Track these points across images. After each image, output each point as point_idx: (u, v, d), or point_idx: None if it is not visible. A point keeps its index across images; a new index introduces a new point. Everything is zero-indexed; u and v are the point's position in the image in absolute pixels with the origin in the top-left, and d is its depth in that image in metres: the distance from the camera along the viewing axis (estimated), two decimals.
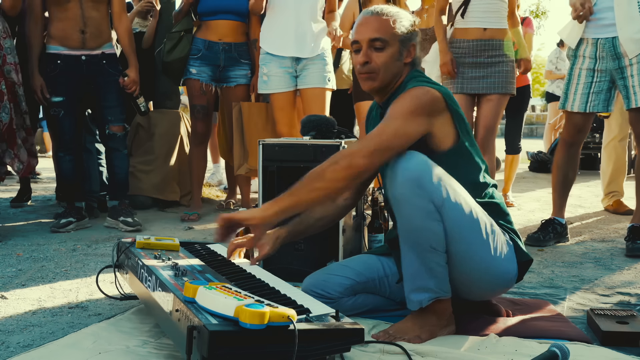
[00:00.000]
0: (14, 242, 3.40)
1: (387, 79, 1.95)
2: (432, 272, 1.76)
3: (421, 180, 1.71)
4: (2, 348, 1.81)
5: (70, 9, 3.65)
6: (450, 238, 1.76)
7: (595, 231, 3.73)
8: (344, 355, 1.49)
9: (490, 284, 1.88)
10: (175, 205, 4.69)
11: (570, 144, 3.29)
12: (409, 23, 1.96)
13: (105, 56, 3.79)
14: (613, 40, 3.04)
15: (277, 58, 3.57)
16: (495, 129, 3.50)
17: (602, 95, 3.14)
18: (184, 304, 1.38)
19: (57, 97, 3.71)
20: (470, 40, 3.48)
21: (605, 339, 1.79)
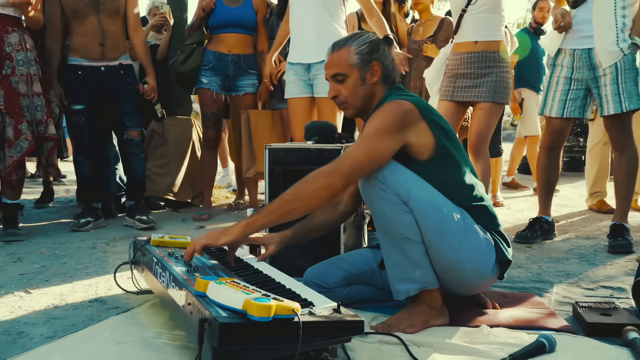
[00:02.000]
0: (38, 240, 3.40)
1: (358, 104, 1.99)
2: (413, 262, 1.77)
3: (385, 177, 1.75)
4: (27, 339, 1.81)
5: (90, 23, 3.66)
6: (422, 228, 1.76)
7: (580, 229, 3.72)
8: (345, 345, 1.49)
9: (467, 274, 1.83)
10: (188, 206, 4.69)
11: (550, 148, 3.29)
12: (365, 47, 1.96)
13: (122, 67, 3.80)
14: (589, 52, 3.05)
15: (292, 66, 3.57)
16: (487, 136, 3.48)
17: (578, 102, 3.15)
18: (196, 298, 1.38)
19: (77, 105, 3.71)
20: (463, 53, 3.47)
21: (589, 330, 1.79)
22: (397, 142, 1.81)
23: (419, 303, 1.82)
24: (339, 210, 2.15)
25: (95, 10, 3.66)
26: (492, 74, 3.39)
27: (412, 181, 1.77)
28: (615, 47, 2.96)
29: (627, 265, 2.73)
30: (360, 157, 1.77)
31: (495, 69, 3.40)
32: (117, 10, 3.73)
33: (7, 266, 2.78)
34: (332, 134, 2.71)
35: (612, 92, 2.98)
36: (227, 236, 1.74)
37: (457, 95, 3.46)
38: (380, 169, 1.76)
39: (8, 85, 3.29)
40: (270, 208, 1.76)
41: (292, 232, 2.04)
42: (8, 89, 3.29)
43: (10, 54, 3.31)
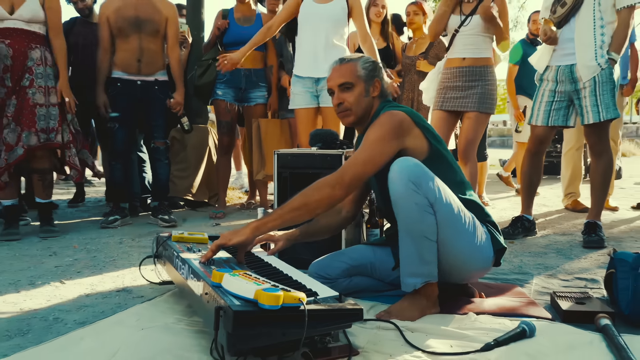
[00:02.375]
0: (71, 236, 3.41)
1: (360, 113, 1.99)
2: (424, 259, 1.76)
3: (419, 180, 1.72)
4: (61, 325, 1.82)
5: (131, 41, 3.69)
6: (440, 229, 1.76)
7: (557, 226, 3.71)
8: (346, 331, 1.49)
9: (472, 266, 1.88)
10: (205, 205, 4.70)
11: (534, 153, 3.29)
12: (369, 64, 2.00)
13: (157, 82, 3.81)
14: (571, 67, 3.06)
15: (300, 79, 3.58)
16: (475, 142, 3.49)
17: (562, 112, 3.15)
18: (212, 288, 1.38)
19: (114, 112, 3.73)
20: (453, 68, 3.50)
21: (565, 317, 1.79)
22: (394, 148, 1.83)
23: (419, 295, 1.80)
24: (341, 216, 2.16)
25: (137, 30, 3.69)
26: (478, 86, 3.41)
27: (440, 186, 1.76)
28: (594, 62, 2.96)
29: (599, 259, 2.73)
30: (360, 169, 1.79)
31: (482, 82, 3.42)
32: (157, 31, 3.76)
33: (44, 259, 2.78)
34: (335, 140, 2.71)
35: (591, 103, 2.98)
36: (239, 236, 1.74)
37: (446, 105, 3.49)
38: (413, 172, 1.72)
39: (24, 96, 3.27)
40: (278, 213, 1.76)
41: (299, 231, 2.05)
42: (23, 99, 3.26)
43: (31, 68, 3.29)
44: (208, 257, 1.72)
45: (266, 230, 1.79)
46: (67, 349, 1.55)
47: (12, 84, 3.22)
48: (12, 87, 3.23)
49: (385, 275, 2.07)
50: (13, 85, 3.23)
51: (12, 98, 3.24)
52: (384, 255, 2.06)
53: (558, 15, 3.06)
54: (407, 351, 1.52)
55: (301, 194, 1.77)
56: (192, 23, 5.10)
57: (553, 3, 3.11)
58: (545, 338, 1.59)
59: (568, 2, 3.01)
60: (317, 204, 1.76)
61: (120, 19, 3.68)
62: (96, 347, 1.55)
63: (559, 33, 3.10)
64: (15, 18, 3.23)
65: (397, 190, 1.73)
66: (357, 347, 1.52)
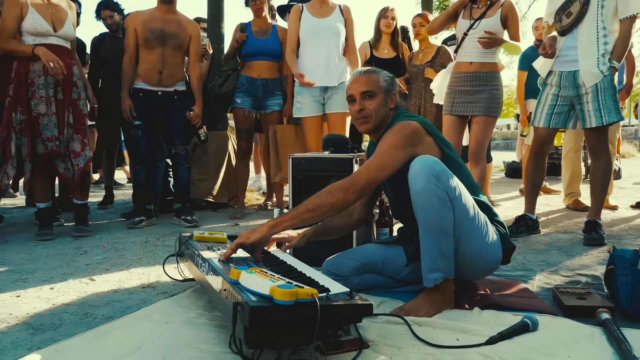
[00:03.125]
0: (100, 236, 3.44)
1: (378, 121, 1.98)
2: (444, 255, 1.73)
3: (440, 175, 1.70)
4: (91, 319, 1.83)
5: (154, 54, 3.73)
6: (458, 225, 1.74)
7: (558, 224, 3.67)
8: (357, 325, 1.48)
9: (483, 264, 1.87)
10: (224, 207, 4.71)
11: (536, 154, 3.25)
12: (389, 78, 2.01)
13: (177, 93, 3.83)
14: (574, 73, 3.01)
15: (307, 89, 3.59)
16: (484, 144, 3.47)
17: (563, 116, 3.11)
18: (230, 285, 1.38)
19: (137, 120, 3.76)
20: (461, 73, 3.49)
21: (567, 311, 1.76)
22: (406, 156, 1.82)
23: (436, 291, 1.77)
24: (353, 219, 2.16)
25: (162, 43, 3.72)
26: (484, 91, 3.40)
27: (458, 182, 1.75)
28: (596, 69, 2.92)
29: (600, 255, 2.69)
30: (373, 175, 1.78)
31: (488, 87, 3.40)
32: (180, 46, 3.79)
33: (75, 257, 2.81)
34: (346, 145, 2.71)
35: (594, 108, 2.94)
36: (256, 234, 1.74)
37: (455, 109, 3.49)
38: (434, 168, 1.70)
39: (76, 107, 3.35)
40: (294, 213, 1.76)
41: (312, 231, 2.05)
42: (76, 111, 3.34)
43: (76, 82, 3.36)
44: (227, 256, 1.73)
45: (282, 229, 1.78)
46: (96, 342, 1.55)
47: (65, 98, 3.28)
48: (66, 100, 3.28)
49: (395, 272, 2.05)
50: (66, 98, 3.28)
51: (69, 110, 3.30)
52: (394, 253, 2.05)
53: (564, 24, 3.03)
54: (415, 344, 1.50)
55: (316, 196, 1.77)
56: (213, 36, 5.13)
57: (557, 11, 3.06)
58: (547, 332, 1.57)
59: (573, 12, 2.97)
60: (330, 206, 1.75)
61: (147, 31, 3.71)
62: (123, 339, 1.56)
63: (561, 41, 3.06)
64: (59, 35, 3.28)
65: (419, 185, 1.70)
66: (368, 341, 1.51)
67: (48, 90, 3.20)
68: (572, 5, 2.98)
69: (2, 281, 2.33)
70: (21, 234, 3.53)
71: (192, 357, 1.44)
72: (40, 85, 3.17)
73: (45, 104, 3.19)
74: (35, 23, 3.18)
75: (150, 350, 1.48)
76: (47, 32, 3.23)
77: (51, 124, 3.21)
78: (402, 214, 2.09)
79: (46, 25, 3.21)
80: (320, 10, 3.66)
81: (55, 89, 3.24)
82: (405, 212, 1.91)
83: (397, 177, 1.83)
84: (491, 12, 3.42)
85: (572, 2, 2.98)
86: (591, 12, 2.93)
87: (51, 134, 3.21)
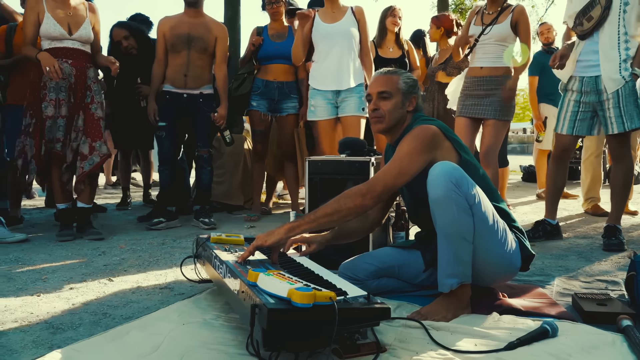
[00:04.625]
0: (118, 237, 3.47)
1: (392, 123, 1.97)
2: (461, 260, 1.72)
3: (459, 182, 1.69)
4: (109, 319, 1.85)
5: (180, 57, 3.77)
6: (477, 231, 1.72)
7: (577, 230, 3.62)
8: (374, 328, 1.48)
9: (501, 271, 1.86)
10: (240, 209, 4.73)
11: (558, 160, 3.21)
12: (410, 81, 2.00)
13: (202, 95, 3.85)
14: (596, 79, 2.97)
15: (321, 92, 3.60)
16: (495, 148, 3.46)
17: (586, 122, 3.07)
18: (248, 287, 1.39)
19: (162, 122, 3.80)
20: (472, 77, 3.51)
21: (587, 318, 1.74)
22: (425, 161, 1.81)
23: (452, 296, 1.76)
24: (369, 221, 2.16)
25: (187, 46, 3.76)
26: (495, 95, 3.40)
27: (477, 189, 1.74)
28: (618, 75, 2.88)
29: (620, 261, 2.65)
30: (391, 180, 1.78)
31: (499, 90, 3.40)
32: (205, 49, 3.81)
33: (94, 258, 2.84)
34: (362, 148, 2.70)
35: (615, 114, 2.90)
36: (274, 237, 1.75)
37: (466, 112, 3.52)
38: (454, 175, 1.69)
39: (88, 111, 3.37)
40: (312, 217, 1.76)
41: (329, 234, 2.05)
42: (88, 114, 3.37)
43: (90, 86, 3.39)
44: (245, 258, 1.73)
45: (299, 232, 1.79)
46: (115, 341, 1.57)
47: (76, 101, 3.32)
48: (77, 103, 3.32)
49: (412, 277, 2.04)
50: (77, 102, 3.32)
51: (80, 113, 3.34)
52: (411, 257, 2.04)
53: (584, 28, 2.99)
54: (433, 349, 1.49)
55: (334, 201, 1.77)
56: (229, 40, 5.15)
57: (578, 15, 3.02)
58: (567, 338, 1.55)
59: (594, 16, 2.93)
60: (348, 211, 1.75)
61: (174, 36, 3.76)
62: (142, 340, 1.57)
63: (582, 45, 3.03)
64: (74, 39, 3.32)
65: (438, 191, 1.69)
66: (385, 345, 1.51)
67: (59, 94, 3.24)
68: (593, 9, 2.93)
69: (23, 281, 2.36)
70: (41, 234, 3.57)
71: (210, 358, 1.45)
72: (51, 88, 3.22)
73: (54, 107, 3.23)
74: (49, 28, 3.25)
75: (168, 351, 1.49)
76: (61, 36, 3.28)
77: (56, 127, 3.24)
78: (419, 217, 2.08)
79: (60, 29, 3.26)
80: (332, 15, 3.66)
81: (68, 92, 3.28)
82: (422, 216, 1.90)
83: (415, 181, 1.82)
84: (502, 18, 3.43)
85: (593, 6, 2.93)
86: (612, 16, 2.89)
87: (53, 136, 3.24)
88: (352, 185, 1.88)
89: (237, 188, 4.75)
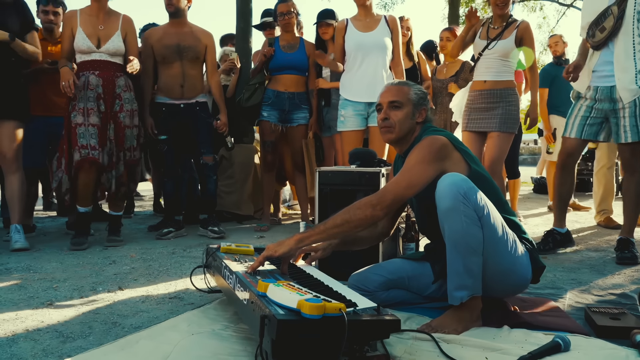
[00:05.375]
0: (129, 246, 3.49)
1: (401, 133, 1.99)
2: (471, 273, 1.70)
3: (467, 193, 1.68)
4: (119, 328, 1.85)
5: (174, 68, 3.79)
6: (486, 243, 1.71)
7: (589, 242, 3.58)
8: (384, 341, 1.46)
9: (511, 284, 1.84)
10: (250, 219, 4.73)
11: (563, 166, 3.19)
12: (421, 92, 2.03)
13: (198, 104, 3.87)
14: (611, 88, 2.95)
15: (352, 103, 3.61)
16: (499, 160, 3.45)
17: (594, 128, 3.05)
18: (258, 297, 1.38)
19: (162, 135, 3.82)
20: (476, 91, 3.54)
21: (600, 332, 1.71)
22: (434, 171, 1.81)
23: (463, 308, 1.74)
24: (377, 231, 2.16)
25: (179, 57, 3.78)
26: (499, 107, 3.43)
27: (486, 202, 1.73)
28: (634, 85, 2.86)
29: (633, 275, 2.61)
30: (401, 191, 1.79)
31: (502, 103, 3.43)
32: (197, 57, 3.84)
33: (104, 267, 2.85)
34: (372, 159, 2.70)
35: (630, 123, 2.87)
36: (283, 247, 1.75)
37: (471, 126, 3.54)
38: (462, 186, 1.68)
39: (117, 120, 3.44)
40: (322, 228, 1.76)
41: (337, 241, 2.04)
42: (116, 123, 3.43)
43: (120, 94, 3.46)
44: (255, 268, 1.73)
45: (309, 243, 1.79)
46: (125, 351, 1.57)
47: (107, 110, 3.40)
48: (107, 112, 3.40)
49: (422, 289, 2.02)
50: (107, 110, 3.40)
51: (110, 122, 3.41)
52: (421, 269, 2.02)
53: (597, 39, 2.98)
54: None
55: (344, 212, 1.77)
56: (241, 51, 5.20)
57: (590, 26, 3.01)
58: (580, 352, 1.52)
59: (607, 27, 2.92)
60: (358, 222, 1.75)
61: (163, 47, 3.77)
62: (151, 349, 1.57)
63: (597, 56, 3.02)
64: (102, 51, 3.42)
65: (446, 203, 1.69)
66: (394, 357, 1.49)
67: (87, 103, 3.34)
68: (605, 19, 2.92)
69: (35, 289, 2.38)
70: (53, 242, 3.60)
71: None
72: (80, 99, 3.35)
73: (82, 115, 3.33)
74: (78, 42, 3.40)
75: None
76: (89, 50, 3.40)
77: (87, 134, 3.31)
78: (428, 229, 2.07)
79: (88, 43, 3.39)
80: (366, 23, 3.64)
81: (97, 101, 3.37)
82: (432, 227, 1.89)
83: (424, 191, 1.81)
84: (507, 34, 3.46)
85: (605, 17, 2.92)
86: (626, 27, 2.87)
87: (86, 143, 3.30)
88: (363, 196, 1.88)
89: (247, 198, 4.76)
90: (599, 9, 2.96)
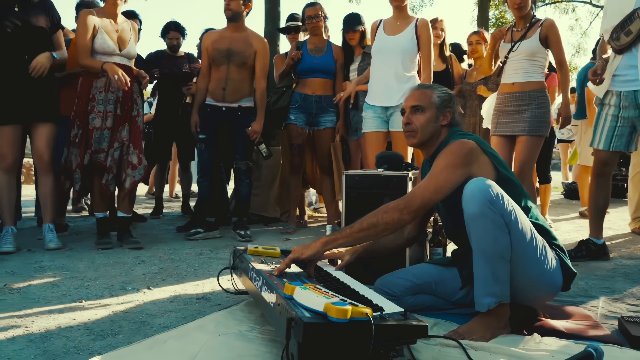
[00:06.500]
0: (157, 247, 3.54)
1: (424, 137, 1.98)
2: (498, 279, 1.68)
3: (494, 199, 1.65)
4: (148, 327, 1.88)
5: (220, 71, 3.86)
6: (514, 249, 1.68)
7: (623, 250, 3.48)
8: (411, 346, 1.45)
9: (541, 291, 1.81)
10: (276, 221, 4.75)
11: (598, 175, 3.11)
12: (445, 95, 2.01)
13: (241, 109, 3.90)
14: (635, 93, 2.88)
15: (372, 107, 3.62)
16: (529, 164, 3.37)
17: (624, 138, 2.98)
18: (284, 300, 1.39)
19: (202, 134, 3.88)
20: (504, 93, 3.47)
21: (635, 343, 1.66)
22: (462, 176, 1.79)
23: (490, 315, 1.71)
24: (404, 237, 2.15)
25: (227, 60, 3.84)
26: (528, 110, 3.35)
27: (514, 208, 1.70)
28: None
29: None
30: (428, 195, 1.77)
31: (531, 105, 3.35)
32: (244, 62, 3.87)
33: (134, 267, 2.90)
34: (400, 162, 2.68)
35: None
36: (310, 250, 1.76)
37: (500, 130, 3.47)
38: (488, 191, 1.66)
39: (135, 124, 3.49)
40: (348, 231, 1.76)
41: (362, 248, 2.04)
42: (135, 127, 3.49)
43: (136, 100, 3.52)
44: (281, 270, 1.74)
45: (335, 246, 1.79)
46: (153, 350, 1.59)
47: (123, 114, 3.44)
48: (124, 116, 3.44)
49: (449, 294, 2.00)
50: (124, 114, 3.44)
51: (125, 125, 3.45)
52: (448, 274, 2.00)
53: (622, 43, 2.91)
54: None
55: (370, 215, 1.76)
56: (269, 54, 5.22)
57: (615, 29, 2.94)
58: None
59: (633, 30, 2.84)
60: (385, 226, 1.75)
61: (215, 51, 3.85)
62: (179, 349, 1.59)
63: (619, 59, 2.95)
64: (123, 55, 3.47)
65: (473, 209, 1.67)
66: None
67: (107, 106, 3.38)
68: (632, 23, 2.85)
69: (67, 287, 2.43)
70: (84, 241, 3.68)
71: None
72: (100, 101, 3.37)
73: (101, 119, 3.37)
74: (103, 43, 3.39)
75: None
76: (113, 52, 3.43)
77: (102, 138, 3.37)
78: (455, 234, 2.05)
79: (112, 45, 3.41)
80: (395, 26, 3.61)
81: (115, 104, 3.41)
82: (459, 232, 1.87)
83: (451, 196, 1.80)
84: (530, 33, 3.39)
85: (632, 20, 2.85)
86: None
87: (99, 147, 3.36)
88: (389, 200, 1.86)
89: (273, 200, 4.79)
90: (624, 12, 2.89)
